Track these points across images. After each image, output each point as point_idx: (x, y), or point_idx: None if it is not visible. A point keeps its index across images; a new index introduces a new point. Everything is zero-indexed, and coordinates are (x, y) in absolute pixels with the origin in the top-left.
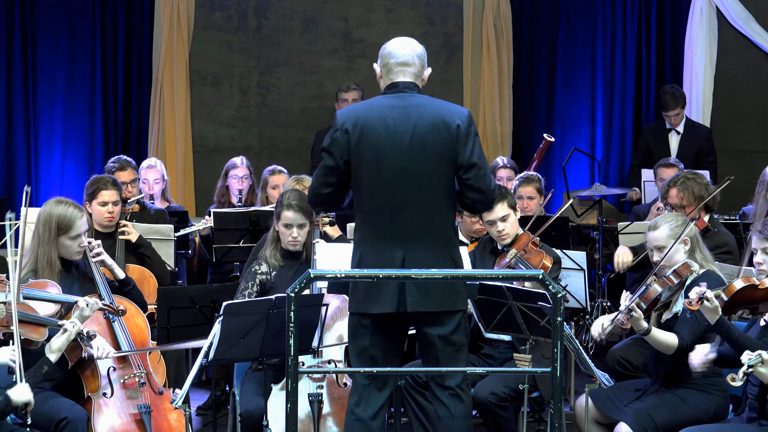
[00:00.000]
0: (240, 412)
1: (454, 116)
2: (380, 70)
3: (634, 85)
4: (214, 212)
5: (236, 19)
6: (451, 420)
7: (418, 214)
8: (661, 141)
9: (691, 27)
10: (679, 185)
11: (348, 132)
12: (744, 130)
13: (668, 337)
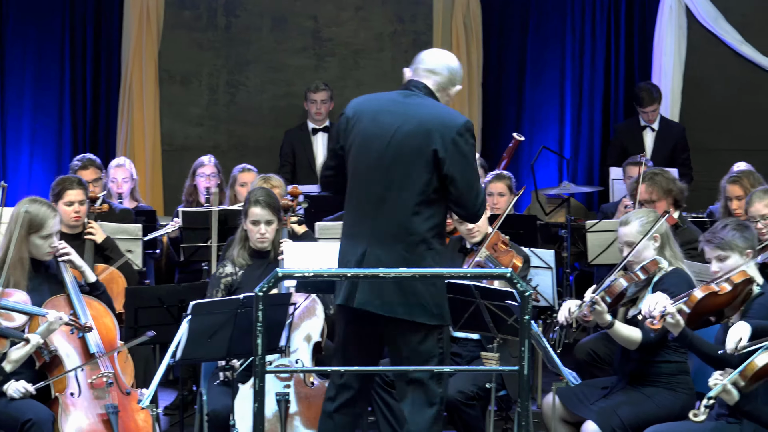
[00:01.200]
0: (207, 411)
1: (446, 122)
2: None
3: (603, 83)
4: (182, 211)
5: (205, 18)
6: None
7: (385, 214)
8: (636, 139)
9: (660, 25)
10: (647, 181)
11: (348, 118)
12: (712, 128)
13: (632, 332)
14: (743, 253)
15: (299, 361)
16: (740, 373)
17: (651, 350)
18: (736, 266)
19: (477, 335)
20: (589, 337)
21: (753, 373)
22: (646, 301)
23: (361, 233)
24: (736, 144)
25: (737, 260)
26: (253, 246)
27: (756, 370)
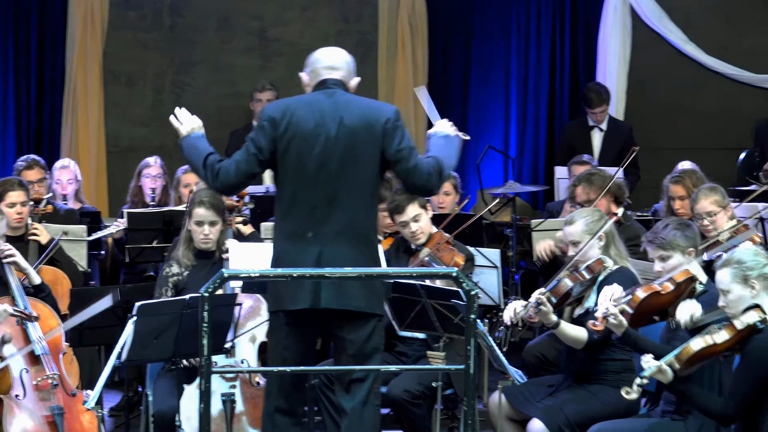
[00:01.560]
0: (153, 412)
1: (381, 112)
2: (308, 77)
3: (548, 82)
4: (127, 212)
5: (150, 18)
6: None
7: (339, 210)
8: (584, 139)
9: (604, 24)
10: (583, 182)
11: (275, 122)
12: (657, 127)
13: (577, 332)
14: (685, 252)
15: (245, 361)
16: (675, 356)
17: (597, 349)
18: (678, 265)
19: (423, 334)
20: (537, 339)
21: (688, 356)
22: (603, 295)
23: (313, 234)
24: (681, 143)
25: (679, 259)
26: (197, 246)
27: (691, 354)
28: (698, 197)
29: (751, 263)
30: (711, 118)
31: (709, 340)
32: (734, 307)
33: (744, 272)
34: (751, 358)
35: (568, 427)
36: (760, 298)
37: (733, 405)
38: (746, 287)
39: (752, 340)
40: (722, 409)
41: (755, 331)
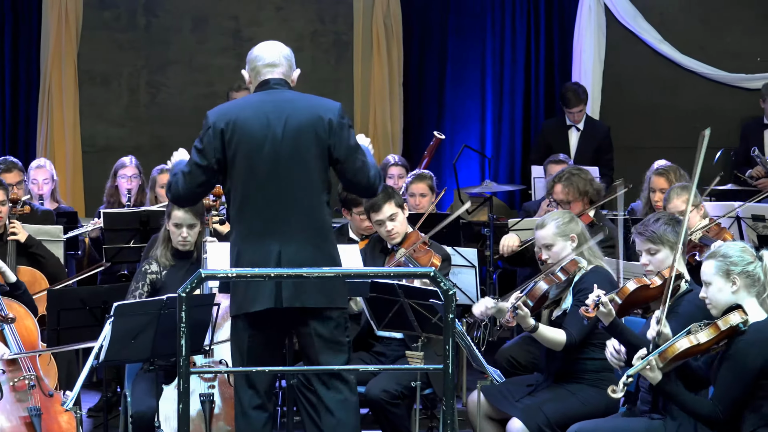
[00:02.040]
0: (131, 413)
1: (326, 110)
2: (249, 75)
3: (523, 82)
4: (103, 213)
5: (125, 18)
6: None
7: (293, 209)
8: (561, 138)
9: (579, 24)
10: (563, 181)
11: (221, 129)
12: (632, 127)
13: (556, 334)
14: (674, 247)
15: (223, 361)
16: (660, 355)
17: (576, 348)
18: (665, 260)
19: (401, 334)
20: (509, 343)
21: (673, 355)
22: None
23: (269, 234)
24: (656, 142)
25: (667, 254)
26: (175, 247)
27: (676, 353)
28: (670, 196)
29: (736, 258)
30: (686, 117)
31: (693, 340)
32: (714, 300)
33: (728, 266)
34: (735, 360)
35: (547, 427)
36: (741, 297)
37: (722, 408)
38: (728, 281)
39: (736, 342)
40: (711, 412)
41: (738, 332)
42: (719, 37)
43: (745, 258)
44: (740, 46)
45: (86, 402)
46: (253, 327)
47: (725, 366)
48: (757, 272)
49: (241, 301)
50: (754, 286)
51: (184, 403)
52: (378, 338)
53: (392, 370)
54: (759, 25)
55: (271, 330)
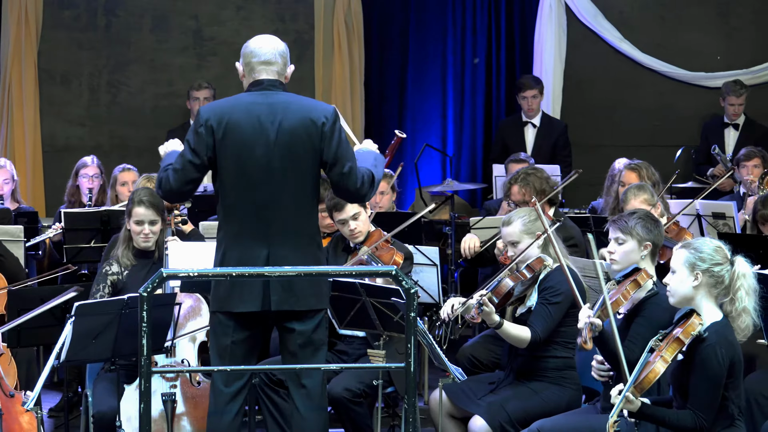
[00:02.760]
0: (93, 413)
1: (319, 113)
2: (242, 68)
3: (484, 80)
4: (64, 212)
5: (85, 18)
6: (307, 419)
7: (284, 212)
8: (517, 135)
9: (540, 23)
10: (520, 182)
11: (213, 128)
12: (593, 125)
13: (521, 331)
14: (642, 244)
15: (185, 361)
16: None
17: (539, 346)
18: (630, 252)
19: (363, 333)
20: (470, 342)
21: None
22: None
23: (258, 236)
24: (617, 140)
25: (633, 247)
26: (137, 246)
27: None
28: (627, 197)
29: (706, 255)
30: (647, 115)
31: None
32: (674, 289)
33: (695, 260)
34: (704, 366)
35: (509, 424)
36: (700, 297)
37: (704, 415)
38: (691, 275)
39: (699, 350)
40: (695, 422)
41: (699, 339)
42: (679, 35)
43: (715, 258)
44: (700, 44)
45: (47, 402)
46: (236, 326)
47: (696, 374)
48: (723, 275)
49: (224, 298)
50: (715, 288)
51: (146, 402)
52: (340, 337)
53: (354, 368)
54: (718, 23)
55: (254, 330)
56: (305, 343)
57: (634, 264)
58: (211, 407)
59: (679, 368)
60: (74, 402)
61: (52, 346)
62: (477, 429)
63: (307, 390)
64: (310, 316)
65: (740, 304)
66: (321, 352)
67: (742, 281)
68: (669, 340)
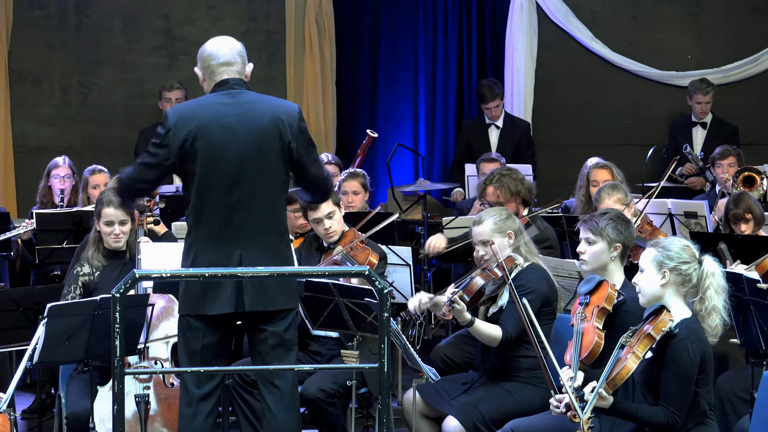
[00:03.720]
0: (66, 414)
1: (286, 112)
2: (202, 73)
3: (455, 80)
4: (36, 213)
5: (56, 18)
6: (280, 420)
7: (255, 213)
8: (481, 136)
9: (511, 22)
10: (495, 182)
11: (180, 130)
12: (565, 124)
13: (492, 330)
14: (612, 245)
15: (158, 362)
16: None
17: (511, 346)
18: (601, 253)
19: (336, 333)
20: (443, 342)
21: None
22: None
23: (230, 238)
24: (589, 140)
25: (603, 248)
26: (107, 246)
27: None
28: (601, 196)
29: (673, 254)
30: (618, 115)
31: (638, 356)
32: (642, 289)
33: (663, 258)
34: (676, 362)
35: (483, 424)
36: (668, 295)
37: (677, 411)
38: (659, 273)
39: (670, 346)
40: (668, 418)
41: (669, 335)
42: (650, 34)
43: (683, 256)
44: (671, 43)
45: (20, 404)
46: (206, 329)
47: (667, 370)
48: (690, 273)
49: (195, 301)
50: (683, 286)
51: (119, 404)
52: (313, 337)
53: (328, 369)
54: (689, 22)
55: (225, 332)
56: (277, 344)
57: (603, 264)
58: (182, 409)
59: (649, 366)
60: (47, 403)
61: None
62: (451, 429)
63: (279, 390)
64: (282, 317)
65: (710, 302)
66: (293, 352)
67: (710, 280)
68: (640, 336)
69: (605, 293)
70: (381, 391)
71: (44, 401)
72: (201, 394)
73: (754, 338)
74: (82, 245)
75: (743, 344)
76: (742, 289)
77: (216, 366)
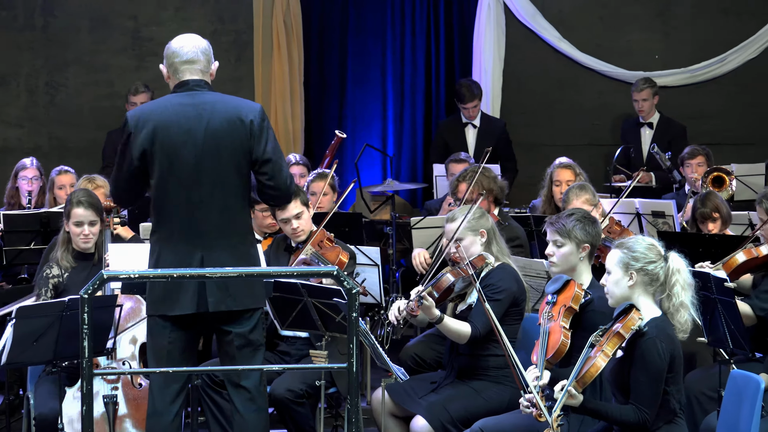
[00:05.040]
0: (34, 415)
1: (247, 112)
2: (167, 70)
3: (424, 80)
4: (3, 214)
5: (22, 18)
6: (247, 420)
7: (215, 213)
8: (458, 135)
9: (479, 22)
10: (467, 180)
11: (140, 132)
12: (532, 124)
13: (461, 326)
14: (580, 246)
15: (126, 362)
16: (577, 380)
17: (479, 345)
18: (569, 254)
19: (305, 333)
20: (413, 341)
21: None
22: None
23: (192, 238)
24: (556, 140)
25: (571, 249)
26: (76, 247)
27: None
28: (569, 197)
29: (639, 255)
30: (586, 114)
31: (607, 354)
32: (611, 291)
33: (628, 260)
34: (645, 361)
35: (451, 424)
36: (637, 293)
37: (647, 409)
38: (626, 275)
39: (640, 344)
40: (638, 417)
41: (639, 334)
42: (618, 35)
43: (648, 256)
44: (638, 44)
45: None
46: (172, 327)
47: (637, 369)
48: (657, 272)
49: (158, 302)
50: (651, 285)
51: (88, 404)
52: (282, 338)
53: (297, 369)
54: (656, 23)
55: (190, 332)
56: (243, 345)
57: (572, 265)
58: (150, 408)
59: (619, 365)
60: (16, 404)
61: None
62: (419, 429)
63: (247, 391)
64: (247, 317)
65: (677, 299)
66: (259, 352)
67: (677, 276)
68: (609, 335)
69: (572, 293)
70: (350, 391)
71: (12, 402)
72: (169, 394)
73: (721, 337)
74: (51, 246)
75: (710, 343)
76: (710, 288)
77: (183, 364)
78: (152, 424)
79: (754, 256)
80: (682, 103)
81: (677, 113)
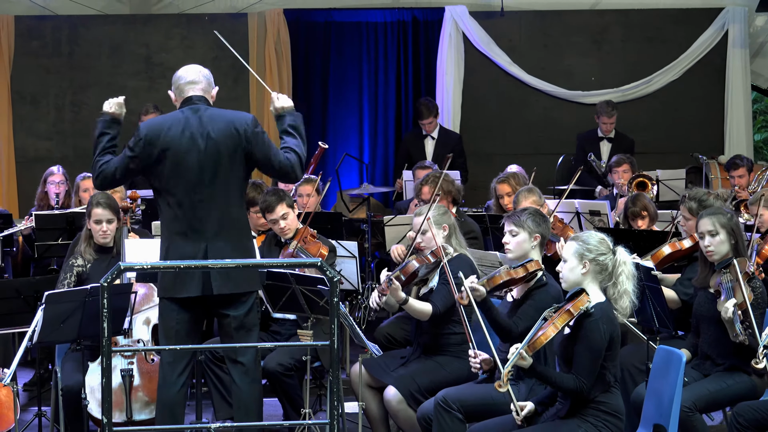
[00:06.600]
0: (61, 387)
1: (241, 122)
2: (174, 94)
3: (394, 99)
4: (35, 214)
5: (51, 46)
6: (243, 391)
7: (216, 210)
8: (419, 146)
9: (442, 49)
10: (430, 183)
11: (150, 141)
12: (488, 136)
13: (423, 306)
14: (532, 235)
15: (140, 341)
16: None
17: (440, 324)
18: (523, 242)
19: (293, 315)
20: (385, 322)
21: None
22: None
23: (196, 232)
24: (508, 149)
25: (525, 238)
26: (96, 242)
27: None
28: (519, 198)
29: (592, 247)
30: (533, 128)
31: (556, 327)
32: (565, 276)
33: (583, 251)
34: (588, 338)
35: (418, 393)
36: (588, 280)
37: (585, 380)
38: (580, 264)
39: (585, 324)
40: (577, 385)
41: (586, 314)
42: (560, 59)
43: (600, 249)
44: (577, 67)
45: (22, 378)
46: (179, 309)
47: (580, 345)
48: (606, 263)
49: (168, 286)
50: (600, 274)
51: (107, 377)
52: (274, 319)
53: (286, 346)
54: (592, 49)
55: (194, 312)
56: (239, 326)
57: (525, 252)
58: (161, 380)
59: (566, 340)
60: (45, 377)
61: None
62: (391, 397)
63: (243, 366)
64: (243, 301)
65: (621, 287)
66: (254, 332)
67: (623, 267)
68: (561, 311)
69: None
70: (332, 365)
71: (42, 375)
72: (177, 368)
73: (648, 317)
74: (75, 241)
75: (640, 322)
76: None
77: (189, 342)
78: (162, 394)
79: (677, 248)
80: (616, 118)
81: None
